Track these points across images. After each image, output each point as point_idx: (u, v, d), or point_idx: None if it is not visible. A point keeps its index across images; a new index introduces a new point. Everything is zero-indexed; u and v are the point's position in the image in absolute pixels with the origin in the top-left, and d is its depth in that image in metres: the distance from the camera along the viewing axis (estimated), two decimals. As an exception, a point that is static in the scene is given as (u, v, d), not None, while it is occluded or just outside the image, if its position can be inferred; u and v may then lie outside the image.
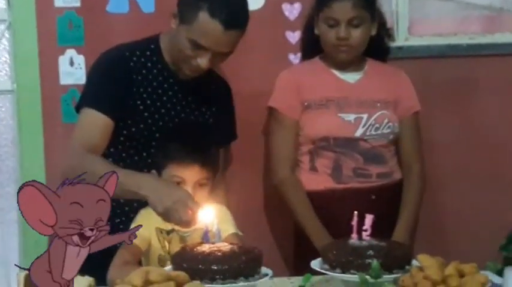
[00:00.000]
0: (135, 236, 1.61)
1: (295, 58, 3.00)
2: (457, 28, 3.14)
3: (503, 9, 3.15)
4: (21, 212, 1.43)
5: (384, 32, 2.76)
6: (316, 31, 2.65)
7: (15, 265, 1.60)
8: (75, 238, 1.46)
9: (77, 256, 1.44)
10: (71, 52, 2.91)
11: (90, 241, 1.48)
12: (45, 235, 1.42)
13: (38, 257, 1.45)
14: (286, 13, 3.01)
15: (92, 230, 1.47)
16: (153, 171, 2.29)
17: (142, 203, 2.25)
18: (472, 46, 3.12)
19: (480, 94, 3.14)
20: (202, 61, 2.34)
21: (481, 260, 1.93)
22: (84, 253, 1.45)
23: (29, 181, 1.42)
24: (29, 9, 2.89)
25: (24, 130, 2.94)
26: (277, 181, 2.71)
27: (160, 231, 2.27)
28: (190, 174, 2.21)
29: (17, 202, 1.41)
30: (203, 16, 2.28)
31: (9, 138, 3.01)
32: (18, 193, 1.39)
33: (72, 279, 1.47)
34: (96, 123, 2.36)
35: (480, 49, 3.12)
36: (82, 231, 1.45)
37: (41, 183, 1.40)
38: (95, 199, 1.46)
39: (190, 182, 2.21)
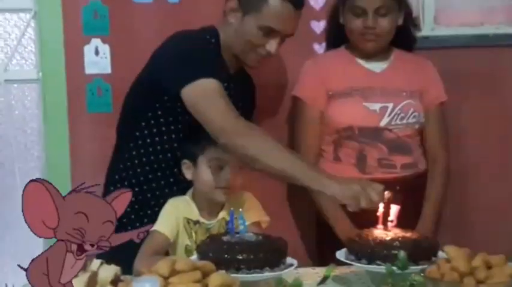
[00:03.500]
0: (145, 235, 1.60)
1: (320, 48, 2.98)
2: (483, 18, 3.11)
3: (530, 0, 3.11)
4: (23, 210, 1.36)
5: (410, 22, 2.74)
6: (341, 20, 2.64)
7: (17, 265, 1.52)
8: (74, 247, 1.41)
9: (71, 266, 1.42)
10: (96, 41, 2.91)
11: (84, 255, 1.44)
12: (40, 237, 1.39)
13: (35, 258, 1.41)
14: (312, 2, 2.99)
15: (92, 245, 1.42)
16: (185, 161, 2.30)
17: (157, 199, 2.30)
18: (498, 36, 3.09)
19: (506, 84, 3.12)
20: (272, 46, 2.36)
21: (509, 252, 1.92)
22: (79, 265, 1.43)
23: (37, 179, 1.36)
24: (55, -1, 2.90)
25: (49, 119, 2.94)
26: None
27: (187, 221, 2.27)
28: (231, 156, 2.22)
29: (22, 198, 1.35)
30: (273, 0, 2.31)
31: (35, 127, 3.03)
32: (24, 188, 1.35)
33: (69, 283, 1.44)
34: (220, 90, 2.26)
35: (506, 39, 3.09)
36: (82, 242, 1.40)
37: (48, 181, 1.36)
38: (102, 218, 1.41)
39: (231, 165, 2.23)
